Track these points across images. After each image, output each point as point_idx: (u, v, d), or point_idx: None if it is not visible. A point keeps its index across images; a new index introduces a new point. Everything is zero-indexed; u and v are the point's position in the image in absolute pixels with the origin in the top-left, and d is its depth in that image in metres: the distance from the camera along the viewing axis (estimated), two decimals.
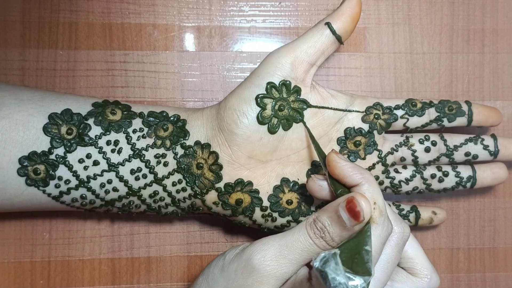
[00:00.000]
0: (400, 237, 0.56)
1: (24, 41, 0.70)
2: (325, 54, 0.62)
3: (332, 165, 0.55)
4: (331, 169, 0.55)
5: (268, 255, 0.52)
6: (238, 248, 0.56)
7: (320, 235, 0.52)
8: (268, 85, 0.60)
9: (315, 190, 0.58)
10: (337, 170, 0.55)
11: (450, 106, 0.67)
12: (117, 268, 0.71)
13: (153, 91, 0.71)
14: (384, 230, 0.53)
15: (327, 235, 0.52)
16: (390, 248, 0.55)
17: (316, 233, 0.52)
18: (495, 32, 0.76)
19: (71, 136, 0.58)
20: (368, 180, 0.54)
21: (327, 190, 0.57)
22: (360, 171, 0.55)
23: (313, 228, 0.52)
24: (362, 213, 0.50)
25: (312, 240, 0.52)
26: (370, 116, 0.65)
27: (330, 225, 0.52)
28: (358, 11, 0.62)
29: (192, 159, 0.61)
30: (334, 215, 0.51)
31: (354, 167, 0.55)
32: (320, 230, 0.52)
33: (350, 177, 0.54)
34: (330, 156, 0.55)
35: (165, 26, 0.72)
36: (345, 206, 0.51)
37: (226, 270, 0.55)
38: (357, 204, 0.50)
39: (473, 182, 0.68)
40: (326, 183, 0.57)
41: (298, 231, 0.53)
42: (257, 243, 0.54)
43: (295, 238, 0.53)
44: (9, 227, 0.70)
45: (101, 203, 0.61)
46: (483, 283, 0.76)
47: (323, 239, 0.52)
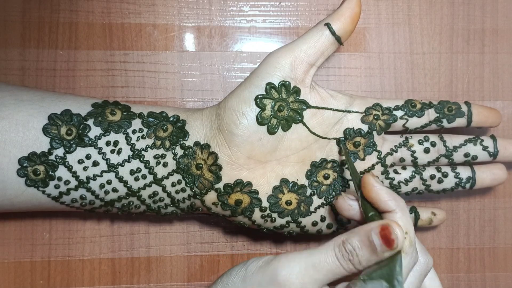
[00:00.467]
0: (424, 268, 0.56)
1: (24, 41, 0.70)
2: (325, 55, 0.62)
3: (368, 188, 0.55)
4: (366, 191, 0.55)
5: (294, 273, 0.52)
6: (261, 260, 0.56)
7: (348, 257, 0.52)
8: (268, 86, 0.60)
9: (344, 208, 0.58)
10: (373, 194, 0.55)
11: (449, 106, 0.67)
12: (117, 268, 0.71)
13: (153, 91, 0.71)
14: (412, 260, 0.53)
15: (355, 259, 0.51)
16: (413, 277, 0.55)
17: (345, 256, 0.52)
18: (495, 32, 0.76)
19: (70, 136, 0.59)
20: (402, 208, 0.54)
21: (356, 210, 0.58)
22: (395, 198, 0.55)
23: (341, 250, 0.52)
24: (396, 242, 0.50)
25: (339, 261, 0.52)
26: (369, 117, 0.65)
27: (360, 249, 0.51)
28: (358, 12, 0.62)
29: (191, 159, 0.61)
30: (366, 239, 0.51)
31: (390, 193, 0.55)
32: (349, 253, 0.52)
33: (385, 202, 0.54)
34: (366, 178, 0.55)
35: (165, 26, 0.72)
36: (379, 231, 0.51)
37: (249, 282, 0.55)
38: (392, 232, 0.50)
39: (472, 183, 0.68)
40: (357, 203, 0.58)
41: (325, 251, 0.53)
42: (283, 258, 0.53)
43: (322, 258, 0.52)
44: (9, 227, 0.70)
45: (100, 204, 0.61)
46: (483, 283, 0.76)
47: (350, 262, 0.52)
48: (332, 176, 0.65)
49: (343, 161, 0.64)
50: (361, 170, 0.65)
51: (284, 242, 0.73)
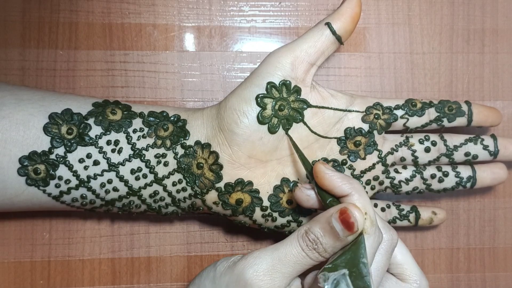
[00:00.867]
0: (389, 244, 0.56)
1: (24, 41, 0.70)
2: (325, 54, 0.62)
3: (320, 176, 0.55)
4: (319, 180, 0.55)
5: (261, 270, 0.52)
6: (229, 261, 0.56)
7: (312, 246, 0.52)
8: (268, 85, 0.60)
9: (302, 199, 0.58)
10: (326, 181, 0.55)
11: (450, 106, 0.67)
12: (117, 268, 0.71)
13: (153, 91, 0.71)
14: (375, 240, 0.53)
15: (319, 247, 0.52)
16: (380, 255, 0.55)
17: (309, 245, 0.52)
18: (495, 32, 0.76)
19: (71, 136, 0.58)
20: (358, 190, 0.54)
21: (315, 199, 0.58)
22: (349, 181, 0.55)
23: (305, 240, 0.52)
24: (356, 224, 0.50)
25: (304, 252, 0.52)
26: (370, 116, 0.65)
27: (323, 236, 0.52)
28: (358, 11, 0.62)
29: (192, 159, 0.61)
30: (327, 226, 0.52)
31: (343, 177, 0.55)
32: (312, 242, 0.52)
33: (339, 187, 0.54)
34: (317, 167, 0.55)
35: (165, 26, 0.72)
36: (338, 217, 0.51)
37: (218, 283, 0.55)
38: (351, 215, 0.50)
39: (473, 182, 0.68)
40: (314, 192, 0.58)
41: (290, 243, 0.53)
42: (249, 257, 0.54)
43: (287, 251, 0.53)
44: (9, 227, 0.70)
45: (101, 203, 0.61)
46: (483, 283, 0.76)
47: (315, 251, 0.52)
48: None
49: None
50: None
51: None
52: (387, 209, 0.69)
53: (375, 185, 0.67)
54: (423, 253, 0.75)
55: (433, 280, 0.75)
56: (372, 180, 0.66)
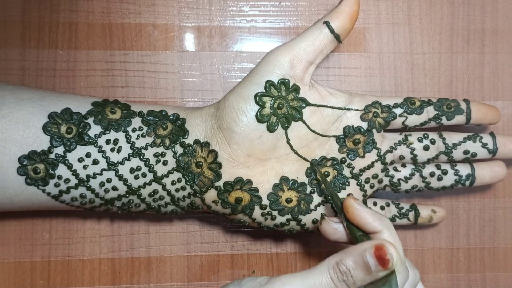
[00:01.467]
0: (412, 282, 0.56)
1: (24, 41, 0.70)
2: (324, 53, 0.63)
3: (351, 211, 0.56)
4: (350, 215, 0.56)
5: None
6: (255, 282, 0.55)
7: (343, 278, 0.52)
8: (267, 84, 0.60)
9: (329, 233, 0.59)
10: (356, 217, 0.55)
11: (448, 104, 0.67)
12: (117, 268, 0.71)
13: (153, 91, 0.71)
14: (404, 278, 0.53)
15: (350, 279, 0.51)
16: None
17: (339, 277, 0.52)
18: (495, 32, 0.76)
19: (70, 135, 0.59)
20: (388, 227, 0.55)
21: (342, 232, 0.58)
22: (380, 218, 0.55)
23: (336, 271, 0.52)
24: (391, 261, 0.51)
25: (334, 283, 0.52)
26: (369, 115, 0.65)
27: (354, 269, 0.51)
28: (356, 10, 0.62)
29: (191, 157, 0.61)
30: (360, 260, 0.51)
31: (374, 214, 0.55)
32: (343, 274, 0.52)
33: (370, 224, 0.55)
34: (348, 202, 0.56)
35: (165, 26, 0.72)
36: (373, 252, 0.51)
37: None
38: (387, 252, 0.51)
39: (472, 180, 0.68)
40: (342, 226, 0.58)
41: (319, 273, 0.52)
42: (277, 281, 0.53)
43: (317, 281, 0.52)
44: (9, 227, 0.70)
45: (100, 202, 0.61)
46: (483, 283, 0.76)
47: (345, 283, 0.52)
48: (332, 173, 0.65)
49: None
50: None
51: (284, 241, 0.73)
52: (387, 207, 0.68)
53: (374, 184, 0.67)
54: (423, 253, 0.75)
55: (433, 280, 0.75)
56: (371, 179, 0.66)
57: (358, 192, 0.66)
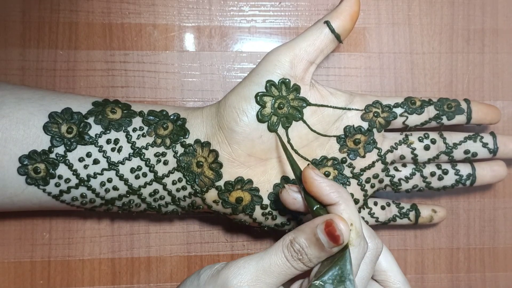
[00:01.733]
0: (374, 253, 0.55)
1: (24, 41, 0.70)
2: (324, 53, 0.63)
3: (308, 182, 0.54)
4: (307, 186, 0.54)
5: (245, 280, 0.52)
6: (213, 269, 0.55)
7: (297, 257, 0.51)
8: (268, 83, 0.61)
9: (288, 202, 0.58)
10: (314, 188, 0.54)
11: (449, 104, 0.67)
12: (117, 268, 0.71)
13: (153, 91, 0.71)
14: (360, 251, 0.52)
15: (304, 257, 0.51)
16: (365, 264, 0.55)
17: (294, 255, 0.51)
18: (495, 32, 0.76)
19: (71, 135, 0.59)
20: (346, 199, 0.53)
21: (301, 203, 0.57)
22: (338, 189, 0.54)
23: (290, 250, 0.52)
24: (342, 237, 0.50)
25: (289, 262, 0.52)
26: (369, 114, 0.65)
27: (308, 247, 0.51)
28: (357, 10, 0.62)
29: (192, 157, 0.61)
30: (312, 237, 0.51)
31: (332, 185, 0.54)
32: (297, 252, 0.51)
33: (327, 195, 0.53)
34: (306, 172, 0.55)
35: (165, 26, 0.72)
36: (324, 228, 0.50)
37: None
38: (336, 228, 0.50)
39: (472, 180, 0.68)
40: (300, 196, 0.57)
41: (274, 253, 0.52)
42: (233, 267, 0.53)
43: (272, 261, 0.52)
44: (9, 227, 0.70)
45: (101, 202, 0.61)
46: (483, 283, 0.76)
47: (300, 261, 0.51)
48: (332, 173, 0.65)
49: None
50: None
51: None
52: (387, 207, 0.69)
53: (375, 183, 0.67)
54: (423, 253, 0.75)
55: (433, 280, 0.75)
56: (372, 178, 0.66)
57: (359, 191, 0.66)
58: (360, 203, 0.66)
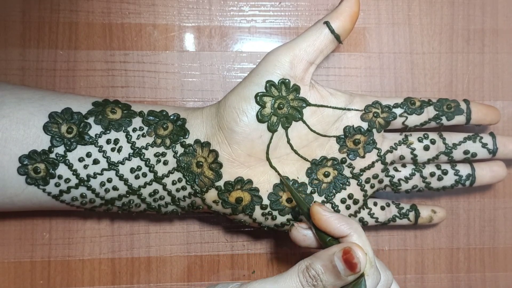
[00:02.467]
0: (385, 284, 0.56)
1: (24, 41, 0.70)
2: (324, 53, 0.63)
3: (317, 218, 0.55)
4: (316, 222, 0.55)
5: None
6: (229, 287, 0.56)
7: (312, 283, 0.51)
8: (268, 84, 0.61)
9: (299, 239, 0.58)
10: (323, 223, 0.55)
11: (448, 104, 0.67)
12: (117, 268, 0.71)
13: (153, 91, 0.71)
14: (374, 281, 0.53)
15: (319, 283, 0.51)
16: None
17: (309, 281, 0.52)
18: (495, 32, 0.76)
19: (71, 135, 0.59)
20: (357, 230, 0.54)
21: (312, 239, 0.58)
22: (347, 221, 0.55)
23: (305, 276, 0.52)
24: (359, 265, 0.50)
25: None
26: (369, 115, 0.65)
27: (323, 274, 0.51)
28: (356, 10, 0.62)
29: (192, 157, 0.61)
30: (329, 264, 0.51)
31: (340, 218, 0.55)
32: (313, 278, 0.51)
33: (337, 229, 0.54)
34: (314, 209, 0.55)
35: (165, 26, 0.72)
36: (341, 256, 0.51)
37: None
38: (354, 256, 0.50)
39: (472, 180, 0.68)
40: (311, 232, 0.58)
41: (289, 277, 0.52)
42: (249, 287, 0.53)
43: (287, 285, 0.52)
44: (9, 227, 0.70)
45: (101, 202, 0.61)
46: (483, 283, 0.76)
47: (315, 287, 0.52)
48: (332, 174, 0.65)
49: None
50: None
51: (285, 241, 0.73)
52: (387, 207, 0.68)
53: (375, 184, 0.67)
54: (423, 253, 0.75)
55: (433, 280, 0.75)
56: (372, 179, 0.66)
57: (359, 192, 0.66)
58: (360, 203, 0.66)
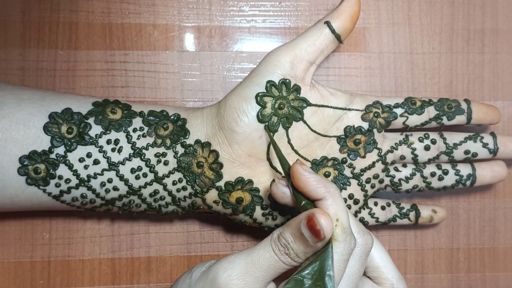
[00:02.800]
0: (363, 249, 0.55)
1: (24, 41, 0.70)
2: (325, 53, 0.63)
3: (296, 176, 0.54)
4: (295, 181, 0.54)
5: (234, 274, 0.52)
6: (204, 266, 0.56)
7: (284, 251, 0.51)
8: (268, 84, 0.61)
9: (278, 196, 0.57)
10: (301, 183, 0.53)
11: (449, 104, 0.67)
12: (117, 268, 0.71)
13: (153, 91, 0.71)
14: (346, 247, 0.52)
15: (291, 252, 0.51)
16: (354, 261, 0.54)
17: (281, 250, 0.51)
18: (495, 32, 0.76)
19: (71, 135, 0.58)
20: (333, 194, 0.53)
21: (290, 197, 0.57)
22: (325, 184, 0.53)
23: (277, 244, 0.52)
24: (322, 232, 0.49)
25: (277, 256, 0.52)
26: (369, 115, 0.65)
27: (293, 242, 0.51)
28: (357, 10, 0.62)
29: (192, 157, 0.61)
30: (297, 232, 0.51)
31: (319, 180, 0.53)
32: (284, 247, 0.51)
33: (314, 191, 0.53)
34: (294, 167, 0.54)
35: (165, 26, 0.72)
36: (306, 223, 0.50)
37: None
38: (316, 223, 0.49)
39: (472, 180, 0.68)
40: (289, 190, 0.57)
41: (263, 247, 0.52)
42: (223, 261, 0.53)
43: (260, 255, 0.52)
44: (9, 227, 0.70)
45: (101, 202, 0.61)
46: (483, 283, 0.76)
47: (288, 256, 0.51)
48: (333, 174, 0.65)
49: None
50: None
51: None
52: (387, 207, 0.69)
53: (375, 184, 0.67)
54: (423, 253, 0.75)
55: (433, 280, 0.75)
56: (372, 179, 0.66)
57: (359, 192, 0.66)
58: (361, 203, 0.66)
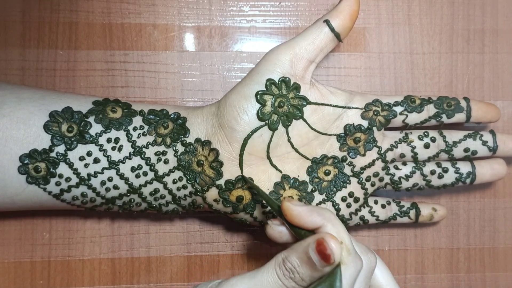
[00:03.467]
0: (367, 269, 0.55)
1: (24, 41, 0.70)
2: (324, 52, 0.63)
3: (288, 214, 0.53)
4: (288, 218, 0.53)
5: None
6: (208, 286, 0.56)
7: (289, 276, 0.51)
8: (268, 82, 0.61)
9: (275, 237, 0.57)
10: (295, 218, 0.53)
11: (448, 102, 0.67)
12: (117, 268, 0.71)
13: (153, 91, 0.71)
14: (354, 269, 0.52)
15: (296, 276, 0.51)
16: (359, 282, 0.54)
17: (286, 274, 0.51)
18: (495, 32, 0.76)
19: (71, 134, 0.59)
20: (330, 219, 0.53)
21: (288, 235, 0.56)
22: (319, 211, 0.53)
23: (282, 268, 0.51)
24: (332, 256, 0.49)
25: (281, 281, 0.51)
26: (369, 113, 0.65)
27: (299, 266, 0.51)
28: (356, 9, 0.62)
29: (192, 156, 0.61)
30: (304, 256, 0.50)
31: (312, 209, 0.53)
32: (289, 271, 0.51)
33: (310, 221, 0.52)
34: (284, 205, 0.54)
35: (165, 26, 0.72)
36: (315, 248, 0.50)
37: None
38: (327, 247, 0.49)
39: (472, 178, 0.68)
40: (285, 228, 0.56)
41: (267, 271, 0.52)
42: (226, 285, 0.53)
43: (264, 279, 0.52)
44: (9, 227, 0.70)
45: (101, 201, 0.61)
46: (483, 283, 0.76)
47: (292, 280, 0.51)
48: (333, 172, 0.65)
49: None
50: None
51: None
52: (387, 205, 0.69)
53: (375, 182, 0.67)
54: (423, 253, 0.75)
55: (433, 280, 0.75)
56: (372, 177, 0.66)
57: (359, 190, 0.66)
58: (361, 202, 0.66)
